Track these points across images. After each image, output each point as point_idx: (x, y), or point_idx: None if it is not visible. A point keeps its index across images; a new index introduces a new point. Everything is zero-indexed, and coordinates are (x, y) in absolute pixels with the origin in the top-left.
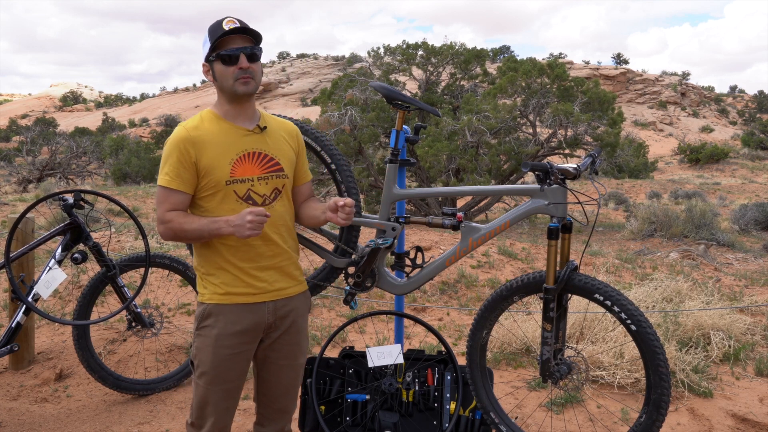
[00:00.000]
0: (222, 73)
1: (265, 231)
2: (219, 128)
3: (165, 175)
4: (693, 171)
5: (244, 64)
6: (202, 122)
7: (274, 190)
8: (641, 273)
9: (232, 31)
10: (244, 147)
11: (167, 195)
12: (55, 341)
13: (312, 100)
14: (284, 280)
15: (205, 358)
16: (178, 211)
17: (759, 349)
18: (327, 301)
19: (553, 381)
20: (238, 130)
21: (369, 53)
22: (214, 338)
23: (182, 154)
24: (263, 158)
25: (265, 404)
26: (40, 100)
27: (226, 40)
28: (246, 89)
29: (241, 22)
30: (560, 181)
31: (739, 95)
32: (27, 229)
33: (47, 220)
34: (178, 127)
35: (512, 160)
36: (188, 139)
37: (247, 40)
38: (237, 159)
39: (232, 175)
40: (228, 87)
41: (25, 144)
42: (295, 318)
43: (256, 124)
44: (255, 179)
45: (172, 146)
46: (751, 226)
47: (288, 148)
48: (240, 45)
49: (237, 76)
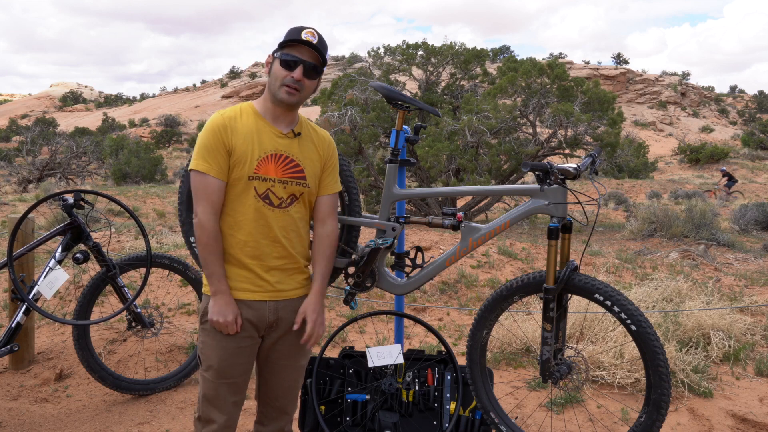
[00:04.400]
0: (276, 73)
1: (275, 233)
2: (255, 123)
3: (202, 161)
4: (693, 171)
5: (298, 75)
6: (241, 114)
7: (291, 196)
8: (641, 273)
9: (305, 43)
10: (273, 147)
11: (204, 184)
12: (55, 341)
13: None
14: (288, 282)
15: (211, 352)
16: (217, 222)
17: (759, 349)
18: (327, 301)
19: (553, 381)
20: (272, 130)
21: (369, 53)
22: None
23: (219, 140)
24: (288, 162)
25: (266, 403)
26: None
27: (295, 46)
28: (288, 99)
29: (319, 39)
30: (560, 181)
31: (739, 95)
32: (27, 229)
33: (47, 220)
34: (216, 115)
35: (512, 160)
36: (225, 126)
37: (315, 56)
38: (263, 157)
39: (256, 171)
40: (274, 89)
41: (25, 144)
42: (296, 320)
43: (291, 128)
44: (275, 181)
45: (209, 131)
46: (751, 226)
47: (316, 158)
48: (305, 57)
49: (286, 82)
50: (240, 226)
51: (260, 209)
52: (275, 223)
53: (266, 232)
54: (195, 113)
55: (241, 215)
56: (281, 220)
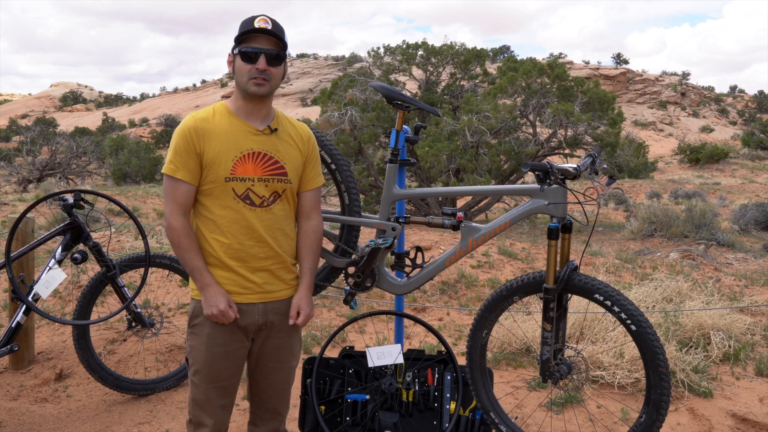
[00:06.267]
0: (240, 68)
1: (260, 233)
2: (228, 123)
3: (170, 163)
4: (693, 171)
5: (262, 65)
6: (213, 115)
7: (274, 194)
8: (641, 273)
9: (260, 31)
10: (250, 146)
11: (173, 187)
12: (55, 341)
13: (312, 100)
14: (275, 283)
15: (199, 356)
16: (186, 220)
17: (759, 349)
18: (327, 301)
19: (553, 381)
20: (248, 128)
21: (369, 53)
22: (206, 336)
23: (188, 144)
24: (267, 160)
25: (258, 404)
26: (40, 100)
27: (252, 37)
28: (258, 90)
29: (274, 24)
30: (560, 181)
31: (739, 95)
32: (27, 229)
33: (47, 220)
34: (188, 117)
35: (512, 160)
36: (196, 129)
37: (274, 42)
38: (240, 157)
39: (232, 172)
40: (242, 84)
41: (25, 144)
42: (285, 321)
43: (267, 124)
44: (255, 180)
45: (179, 135)
46: (751, 226)
47: (296, 153)
48: (264, 46)
49: (252, 75)
50: (221, 229)
51: (240, 210)
52: (259, 223)
53: (250, 233)
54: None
55: (221, 218)
56: (265, 219)
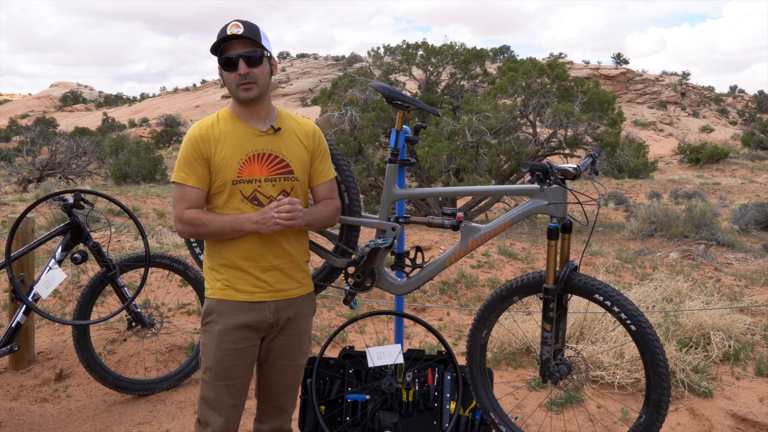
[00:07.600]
0: (226, 78)
1: (269, 234)
2: (233, 128)
3: (180, 172)
4: (693, 171)
5: (243, 70)
6: (218, 121)
7: (282, 192)
8: (641, 273)
9: (233, 37)
10: (254, 147)
11: (183, 192)
12: (55, 341)
13: (312, 100)
14: (287, 282)
15: (209, 353)
16: (197, 208)
17: (759, 349)
18: (327, 301)
19: (553, 381)
20: (251, 131)
21: (369, 53)
22: (216, 334)
23: (196, 151)
24: (272, 159)
25: (265, 401)
26: (40, 100)
27: (228, 45)
28: (247, 95)
29: (246, 26)
30: (560, 181)
31: (739, 95)
32: (27, 229)
33: (47, 220)
34: (194, 126)
35: (512, 160)
36: (202, 137)
37: (249, 44)
38: (246, 159)
39: (239, 175)
40: (232, 92)
41: (25, 144)
42: (296, 319)
43: (270, 125)
44: (262, 180)
45: (186, 144)
46: (751, 226)
47: (301, 150)
48: (240, 50)
49: (238, 82)
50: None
51: (249, 212)
52: None
53: (259, 234)
54: (195, 113)
55: None
56: None
